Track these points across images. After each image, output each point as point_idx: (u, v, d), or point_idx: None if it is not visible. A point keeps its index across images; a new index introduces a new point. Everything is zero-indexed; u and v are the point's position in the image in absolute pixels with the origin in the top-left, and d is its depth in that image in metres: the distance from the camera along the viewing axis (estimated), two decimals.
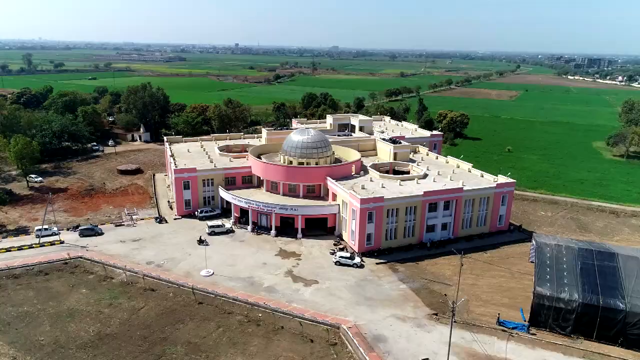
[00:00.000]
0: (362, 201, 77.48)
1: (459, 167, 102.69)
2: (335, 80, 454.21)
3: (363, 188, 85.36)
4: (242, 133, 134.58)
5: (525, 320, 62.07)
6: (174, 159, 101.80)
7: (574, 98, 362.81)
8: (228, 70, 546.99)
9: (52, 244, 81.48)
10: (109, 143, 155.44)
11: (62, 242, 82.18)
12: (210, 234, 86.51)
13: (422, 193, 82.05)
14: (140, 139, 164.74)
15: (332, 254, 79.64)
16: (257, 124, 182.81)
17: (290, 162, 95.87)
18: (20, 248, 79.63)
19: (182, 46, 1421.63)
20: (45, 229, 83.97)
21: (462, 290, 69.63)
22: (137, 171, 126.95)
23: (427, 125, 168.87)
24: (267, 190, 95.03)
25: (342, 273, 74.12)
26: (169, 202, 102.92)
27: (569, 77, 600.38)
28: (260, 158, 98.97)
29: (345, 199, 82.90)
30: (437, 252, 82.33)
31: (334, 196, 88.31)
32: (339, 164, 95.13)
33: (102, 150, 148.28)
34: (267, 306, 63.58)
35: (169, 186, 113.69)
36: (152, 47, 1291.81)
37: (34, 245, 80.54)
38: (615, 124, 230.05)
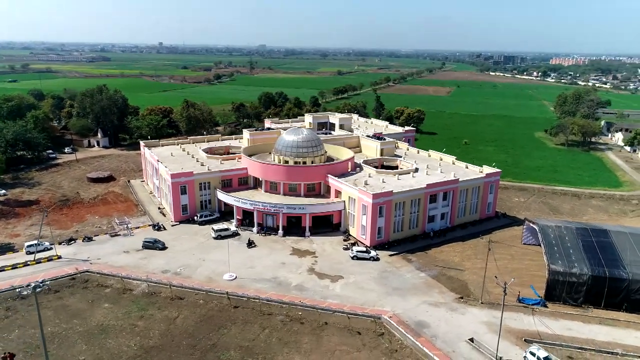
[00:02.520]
0: (374, 196, 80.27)
1: (442, 160, 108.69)
2: (276, 79, 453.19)
3: (366, 184, 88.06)
4: (220, 135, 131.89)
5: (539, 296, 68.20)
6: (161, 164, 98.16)
7: (502, 93, 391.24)
8: (161, 70, 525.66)
9: (49, 259, 75.98)
10: (66, 150, 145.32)
11: (59, 257, 76.87)
12: (216, 238, 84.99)
13: (424, 186, 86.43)
14: (98, 145, 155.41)
15: (346, 249, 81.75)
16: (216, 125, 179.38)
17: (286, 162, 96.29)
18: (14, 266, 73.47)
19: (100, 45, 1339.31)
20: (36, 245, 78.07)
21: (475, 274, 74.94)
22: (110, 178, 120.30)
23: (389, 121, 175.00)
24: (266, 191, 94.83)
25: (362, 267, 76.50)
26: (159, 208, 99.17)
27: (491, 73, 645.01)
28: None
29: (353, 195, 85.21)
30: (440, 241, 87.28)
31: (337, 193, 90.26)
32: (337, 161, 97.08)
33: (59, 158, 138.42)
34: (304, 304, 64.41)
35: (151, 192, 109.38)
36: (66, 46, 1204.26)
37: (29, 263, 74.64)
38: (547, 116, 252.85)
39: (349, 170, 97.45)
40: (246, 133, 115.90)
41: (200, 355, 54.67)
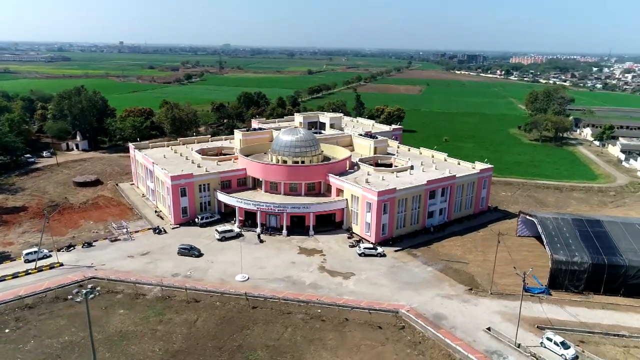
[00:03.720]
0: (379, 194, 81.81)
1: (433, 157, 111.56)
2: (247, 79, 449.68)
3: (367, 182, 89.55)
4: (209, 136, 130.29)
5: (542, 285, 71.47)
6: (158, 166, 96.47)
7: (470, 91, 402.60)
8: (127, 70, 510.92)
9: (51, 267, 73.57)
10: (45, 154, 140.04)
11: (61, 264, 74.55)
12: (220, 239, 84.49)
13: (425, 182, 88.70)
14: (77, 148, 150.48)
15: (352, 246, 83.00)
16: (197, 126, 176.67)
17: (285, 162, 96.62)
18: (15, 275, 70.76)
19: (57, 45, 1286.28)
20: (36, 252, 75.47)
21: (479, 266, 77.78)
22: (97, 182, 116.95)
23: (371, 120, 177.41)
24: (266, 191, 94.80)
25: (370, 263, 77.90)
26: (156, 211, 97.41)
27: (457, 72, 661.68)
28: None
29: (356, 193, 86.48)
30: (440, 236, 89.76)
31: (338, 192, 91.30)
32: (338, 160, 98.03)
33: (39, 162, 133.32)
34: (322, 302, 65.18)
35: (144, 195, 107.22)
36: (20, 45, 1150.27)
37: (30, 271, 72.06)
38: (516, 113, 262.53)
39: (347, 168, 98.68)
40: (238, 134, 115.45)
41: (229, 357, 54.59)
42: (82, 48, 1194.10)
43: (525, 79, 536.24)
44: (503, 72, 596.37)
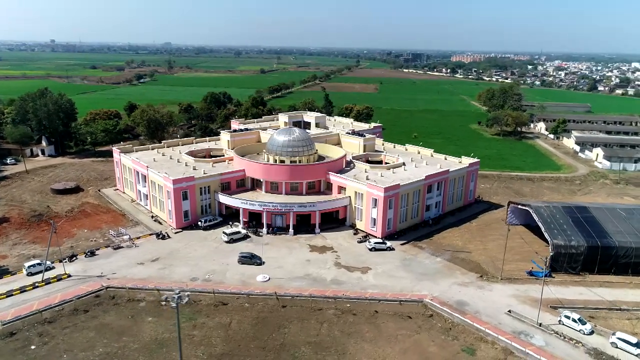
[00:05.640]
0: (385, 190, 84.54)
1: (419, 153, 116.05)
2: (199, 78, 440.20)
3: (367, 179, 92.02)
4: (194, 138, 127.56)
5: (542, 269, 77.07)
6: (153, 170, 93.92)
7: (422, 88, 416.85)
8: (69, 71, 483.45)
9: (58, 279, 70.14)
10: (9, 161, 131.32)
11: (69, 276, 71.29)
12: (228, 242, 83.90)
13: (424, 177, 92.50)
14: (43, 154, 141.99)
15: (361, 242, 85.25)
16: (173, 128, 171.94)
17: (283, 161, 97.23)
18: (23, 290, 66.90)
19: None
20: (39, 264, 71.72)
21: (482, 255, 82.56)
22: (77, 189, 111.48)
23: (347, 119, 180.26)
24: (266, 191, 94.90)
25: (382, 257, 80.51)
26: (152, 216, 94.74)
27: (404, 70, 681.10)
28: None
29: (360, 190, 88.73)
30: (438, 228, 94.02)
31: (340, 189, 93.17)
32: (337, 159, 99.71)
33: (4, 170, 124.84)
34: (350, 297, 66.95)
35: (133, 200, 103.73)
36: None
37: (38, 284, 68.35)
38: (471, 109, 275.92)
39: (344, 166, 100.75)
40: (226, 135, 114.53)
41: (275, 356, 55.09)
42: (9, 47, 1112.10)
43: (470, 76, 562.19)
44: (449, 70, 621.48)
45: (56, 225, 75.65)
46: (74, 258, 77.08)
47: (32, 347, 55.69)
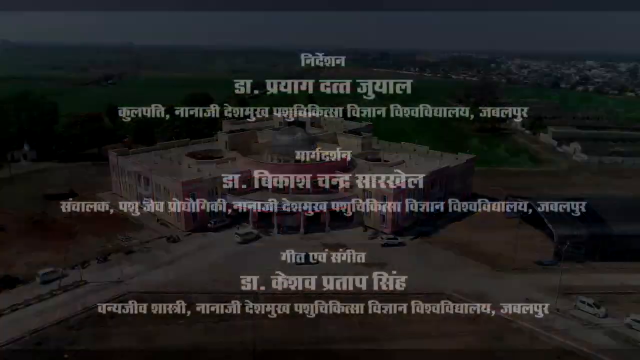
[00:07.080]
0: (395, 187, 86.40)
1: (415, 150, 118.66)
2: (174, 78, 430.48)
3: (376, 177, 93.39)
4: (189, 139, 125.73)
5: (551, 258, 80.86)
6: (158, 173, 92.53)
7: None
8: (25, 71, 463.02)
9: (76, 286, 68.38)
10: None
11: (85, 282, 69.64)
12: (242, 242, 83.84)
13: (428, 173, 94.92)
14: (25, 158, 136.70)
15: (372, 238, 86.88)
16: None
17: (287, 161, 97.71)
18: (41, 298, 64.90)
19: None
20: (54, 272, 69.83)
21: (489, 247, 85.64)
22: (72, 194, 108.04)
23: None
24: (273, 191, 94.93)
25: (396, 253, 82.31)
26: (158, 219, 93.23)
27: (374, 69, 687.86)
28: None
29: (368, 187, 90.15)
30: (442, 222, 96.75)
31: (346, 187, 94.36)
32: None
33: None
34: (382, 291, 68.74)
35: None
36: None
37: (55, 292, 66.48)
38: (447, 106, 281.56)
39: (347, 165, 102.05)
40: (224, 136, 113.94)
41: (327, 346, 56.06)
42: None
43: (438, 75, 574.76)
44: (417, 69, 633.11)
45: (77, 229, 73.51)
46: (86, 264, 75.17)
47: (65, 356, 54.33)
